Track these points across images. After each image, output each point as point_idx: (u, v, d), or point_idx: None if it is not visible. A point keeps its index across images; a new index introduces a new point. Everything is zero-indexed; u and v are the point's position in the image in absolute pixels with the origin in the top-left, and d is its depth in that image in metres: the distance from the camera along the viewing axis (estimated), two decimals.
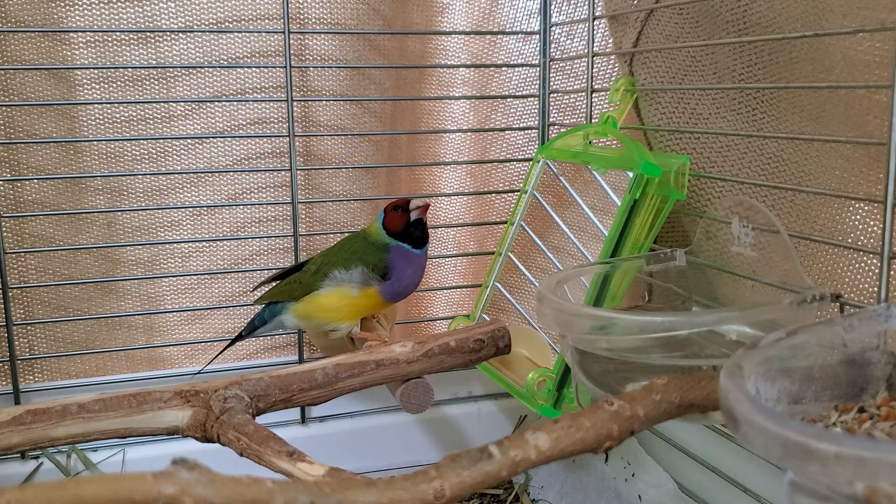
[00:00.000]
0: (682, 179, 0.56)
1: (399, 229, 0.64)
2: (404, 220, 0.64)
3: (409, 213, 0.64)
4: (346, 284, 0.63)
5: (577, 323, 0.42)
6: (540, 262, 0.80)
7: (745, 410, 0.28)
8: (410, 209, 0.64)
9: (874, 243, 0.47)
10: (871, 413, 0.33)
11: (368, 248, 0.64)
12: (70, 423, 0.46)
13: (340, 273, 0.63)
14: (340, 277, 0.63)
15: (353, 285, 0.63)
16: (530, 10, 0.79)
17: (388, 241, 0.64)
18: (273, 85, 0.75)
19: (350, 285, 0.63)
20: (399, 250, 0.64)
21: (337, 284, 0.63)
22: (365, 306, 0.64)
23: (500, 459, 0.33)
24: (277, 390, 0.51)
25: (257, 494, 0.28)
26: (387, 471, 0.78)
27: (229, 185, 0.76)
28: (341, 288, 0.63)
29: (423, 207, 0.64)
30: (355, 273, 0.63)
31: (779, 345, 0.33)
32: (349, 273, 0.63)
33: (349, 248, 0.65)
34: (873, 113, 0.46)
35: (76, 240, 0.73)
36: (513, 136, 0.82)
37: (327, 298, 0.63)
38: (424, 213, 0.64)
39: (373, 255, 0.63)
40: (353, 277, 0.63)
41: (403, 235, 0.64)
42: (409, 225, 0.64)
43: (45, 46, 0.69)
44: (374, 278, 0.63)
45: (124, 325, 0.76)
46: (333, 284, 0.63)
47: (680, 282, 0.55)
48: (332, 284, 0.63)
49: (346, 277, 0.63)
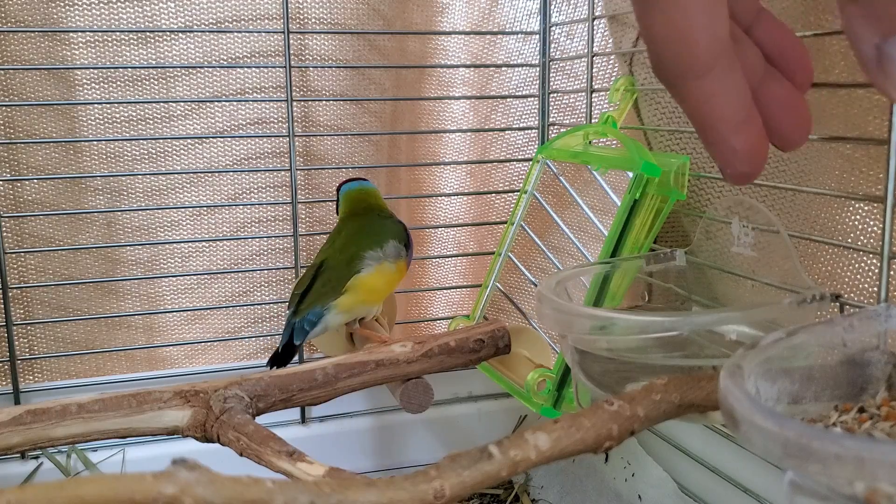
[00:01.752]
0: (682, 179, 0.56)
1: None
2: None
3: None
4: (384, 261, 0.62)
5: (577, 323, 0.42)
6: (540, 262, 0.80)
7: (745, 410, 0.28)
8: None
9: (874, 243, 0.47)
10: (871, 413, 0.33)
11: (387, 222, 0.65)
12: (70, 423, 0.46)
13: (376, 252, 0.62)
14: (378, 256, 0.62)
15: (390, 260, 0.63)
16: (530, 10, 0.79)
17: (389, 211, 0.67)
18: (273, 85, 0.75)
19: (387, 261, 0.62)
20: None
21: (377, 262, 0.62)
22: (397, 280, 0.64)
23: (499, 459, 0.32)
24: (277, 390, 0.51)
25: (257, 494, 0.28)
26: (387, 471, 0.78)
27: (229, 185, 0.76)
28: (382, 266, 0.62)
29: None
30: (389, 248, 0.63)
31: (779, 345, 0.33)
32: (385, 249, 0.63)
33: (372, 227, 0.65)
34: (873, 113, 0.46)
35: (76, 240, 0.73)
36: (513, 136, 0.82)
37: (372, 278, 0.62)
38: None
39: (394, 228, 0.65)
40: (388, 253, 0.63)
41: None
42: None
43: (44, 46, 0.69)
44: (402, 249, 0.63)
45: (124, 325, 0.76)
46: (375, 263, 0.62)
47: (680, 282, 0.55)
48: (373, 263, 0.62)
49: (383, 255, 0.62)
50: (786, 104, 0.30)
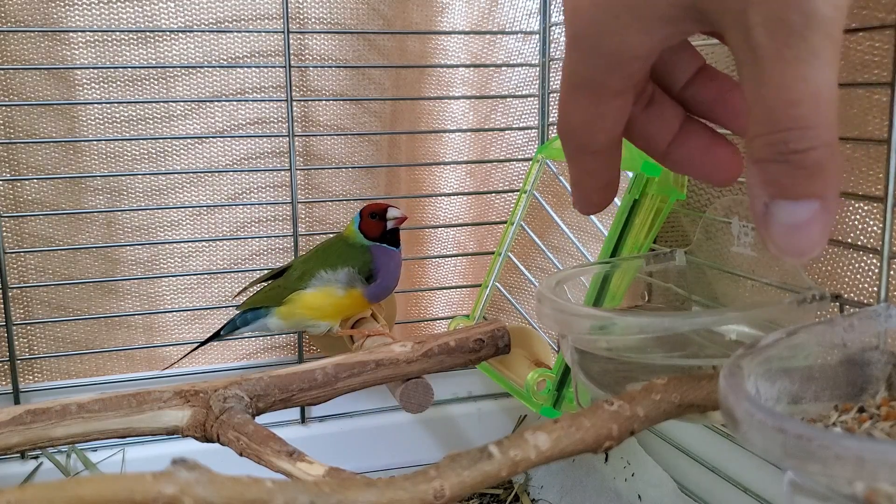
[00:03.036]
0: (681, 179, 0.56)
1: (375, 236, 0.67)
2: (381, 229, 0.67)
3: (385, 221, 0.66)
4: (332, 284, 0.65)
5: (577, 323, 0.42)
6: (540, 262, 0.80)
7: (745, 410, 0.28)
8: (388, 218, 0.66)
9: (874, 243, 0.47)
10: (871, 413, 0.33)
11: (351, 250, 0.66)
12: (70, 423, 0.46)
13: (327, 273, 0.65)
14: (327, 278, 0.65)
15: (339, 286, 0.65)
16: (530, 10, 0.79)
17: (367, 243, 0.67)
18: (273, 85, 0.75)
19: (336, 286, 0.65)
20: (380, 249, 0.66)
21: (323, 284, 0.65)
22: (348, 306, 0.66)
23: (499, 459, 0.32)
24: (277, 390, 0.51)
25: (257, 494, 0.28)
26: (386, 470, 0.78)
27: (229, 185, 0.76)
28: (327, 287, 0.65)
29: (400, 219, 0.66)
30: (341, 274, 0.65)
31: (779, 345, 0.33)
32: (336, 273, 0.65)
33: (333, 251, 0.67)
34: (873, 113, 0.46)
35: (76, 240, 0.73)
36: (513, 135, 0.82)
37: (313, 297, 0.65)
38: (399, 224, 0.67)
39: (358, 257, 0.65)
40: (339, 278, 0.65)
41: (380, 239, 0.67)
42: (385, 232, 0.67)
43: (44, 46, 0.69)
44: (360, 280, 0.65)
45: (124, 324, 0.76)
46: (321, 284, 0.65)
47: (679, 282, 0.55)
48: (318, 284, 0.65)
49: (333, 278, 0.65)
50: (703, 152, 0.35)
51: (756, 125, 0.28)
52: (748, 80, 0.28)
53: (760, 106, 0.28)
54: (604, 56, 0.31)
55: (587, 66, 0.32)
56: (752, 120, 0.28)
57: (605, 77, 0.32)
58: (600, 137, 0.34)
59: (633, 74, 0.32)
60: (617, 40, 0.31)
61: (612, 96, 0.33)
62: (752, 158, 0.29)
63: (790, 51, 0.26)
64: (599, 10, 0.31)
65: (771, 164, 0.28)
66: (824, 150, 0.27)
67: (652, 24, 0.30)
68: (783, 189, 0.28)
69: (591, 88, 0.32)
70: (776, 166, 0.28)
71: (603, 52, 0.31)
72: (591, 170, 0.35)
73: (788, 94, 0.27)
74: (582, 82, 0.32)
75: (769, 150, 0.28)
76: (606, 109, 0.33)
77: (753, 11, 0.27)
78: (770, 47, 0.27)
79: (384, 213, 0.66)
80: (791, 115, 0.27)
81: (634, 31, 0.31)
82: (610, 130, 0.34)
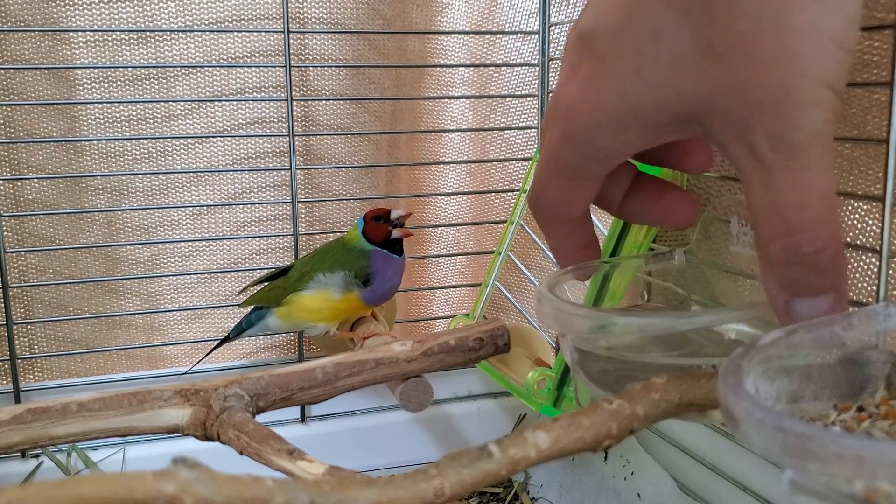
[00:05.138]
0: (681, 178, 0.56)
1: (379, 241, 0.66)
2: (385, 234, 0.66)
3: (389, 223, 0.66)
4: (329, 288, 0.65)
5: (577, 322, 0.42)
6: (540, 261, 0.80)
7: (744, 409, 0.28)
8: (392, 219, 0.66)
9: (873, 242, 0.47)
10: (871, 412, 0.33)
11: (350, 254, 0.66)
12: (70, 422, 0.46)
13: (324, 276, 0.65)
14: (324, 281, 0.65)
15: (336, 289, 0.65)
16: (529, 10, 0.79)
17: (368, 247, 0.66)
18: (273, 85, 0.75)
19: (333, 289, 0.65)
20: (379, 254, 0.66)
21: (321, 287, 0.65)
22: (345, 310, 0.66)
23: (499, 458, 0.33)
24: (277, 389, 0.51)
25: (257, 493, 0.28)
26: (386, 469, 0.78)
27: (229, 185, 0.76)
28: (324, 291, 0.65)
29: (406, 235, 0.66)
30: (337, 277, 0.65)
31: (778, 344, 0.33)
32: (332, 277, 0.65)
33: (331, 254, 0.67)
34: (872, 112, 0.46)
35: (76, 239, 0.73)
36: (512, 135, 0.82)
37: (310, 300, 0.65)
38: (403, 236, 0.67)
39: (355, 261, 0.65)
40: (335, 281, 0.65)
41: (382, 245, 0.67)
42: (388, 240, 0.67)
43: (45, 46, 0.69)
44: (356, 284, 0.65)
45: (124, 324, 0.76)
46: (317, 287, 0.65)
47: (679, 281, 0.55)
48: (315, 287, 0.65)
49: (329, 281, 0.65)
50: (653, 202, 0.39)
51: (767, 228, 0.31)
52: (756, 186, 0.31)
53: (772, 209, 0.30)
54: (597, 151, 0.34)
55: (577, 157, 0.35)
56: (763, 224, 0.31)
57: (593, 166, 0.35)
58: (576, 209, 0.37)
59: (619, 162, 0.35)
60: (613, 140, 0.34)
61: (594, 179, 0.36)
62: (769, 263, 0.31)
63: (794, 162, 0.29)
64: (602, 114, 0.33)
65: (787, 267, 0.31)
66: (833, 249, 0.30)
67: (653, 129, 0.33)
68: (801, 288, 0.31)
69: (575, 172, 0.36)
70: (793, 269, 0.31)
71: (597, 147, 0.34)
72: (567, 235, 0.39)
73: (797, 199, 0.30)
74: (567, 168, 0.35)
75: (784, 254, 0.30)
76: (586, 188, 0.36)
77: (756, 130, 0.30)
78: (775, 159, 0.30)
79: (388, 216, 0.66)
80: (801, 218, 0.30)
81: (633, 135, 0.33)
82: (585, 203, 0.37)
